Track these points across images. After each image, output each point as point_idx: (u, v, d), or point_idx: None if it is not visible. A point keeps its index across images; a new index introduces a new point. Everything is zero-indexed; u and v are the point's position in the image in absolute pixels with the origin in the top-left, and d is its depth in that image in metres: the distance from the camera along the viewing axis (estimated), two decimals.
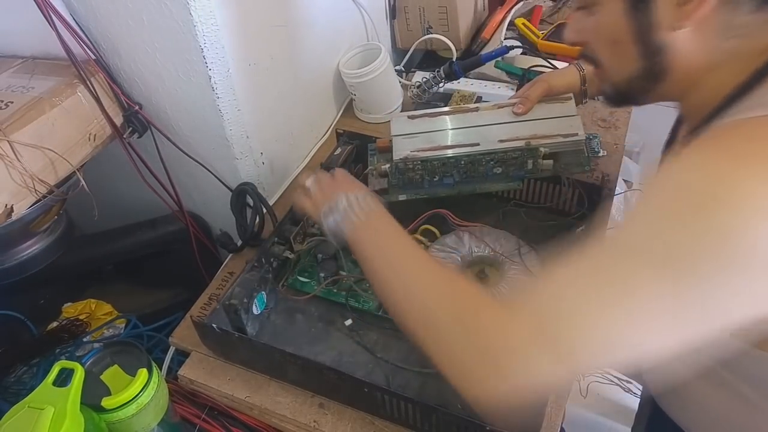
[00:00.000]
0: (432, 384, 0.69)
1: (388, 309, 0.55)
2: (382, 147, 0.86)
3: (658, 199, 0.42)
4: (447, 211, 0.82)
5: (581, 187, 0.83)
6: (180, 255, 1.00)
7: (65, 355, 0.83)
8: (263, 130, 0.91)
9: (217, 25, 0.74)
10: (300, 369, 0.67)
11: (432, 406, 0.60)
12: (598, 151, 0.82)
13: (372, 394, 0.64)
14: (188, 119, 0.85)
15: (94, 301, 0.92)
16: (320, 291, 0.78)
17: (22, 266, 0.81)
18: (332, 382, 0.66)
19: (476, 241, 0.78)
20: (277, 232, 0.80)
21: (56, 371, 0.57)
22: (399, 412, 0.64)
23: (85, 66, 0.76)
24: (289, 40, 0.92)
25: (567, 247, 0.44)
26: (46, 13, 0.70)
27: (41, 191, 0.72)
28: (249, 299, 0.72)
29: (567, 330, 0.42)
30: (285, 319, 0.78)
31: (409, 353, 0.72)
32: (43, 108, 0.73)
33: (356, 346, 0.74)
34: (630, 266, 0.41)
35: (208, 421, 0.71)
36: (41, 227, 0.82)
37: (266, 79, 0.89)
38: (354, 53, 1.11)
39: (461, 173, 0.80)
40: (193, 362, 0.75)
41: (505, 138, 0.79)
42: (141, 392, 0.59)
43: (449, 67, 1.03)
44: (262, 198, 0.86)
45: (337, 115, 1.16)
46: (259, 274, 0.74)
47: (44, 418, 0.52)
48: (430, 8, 1.21)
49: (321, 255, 0.80)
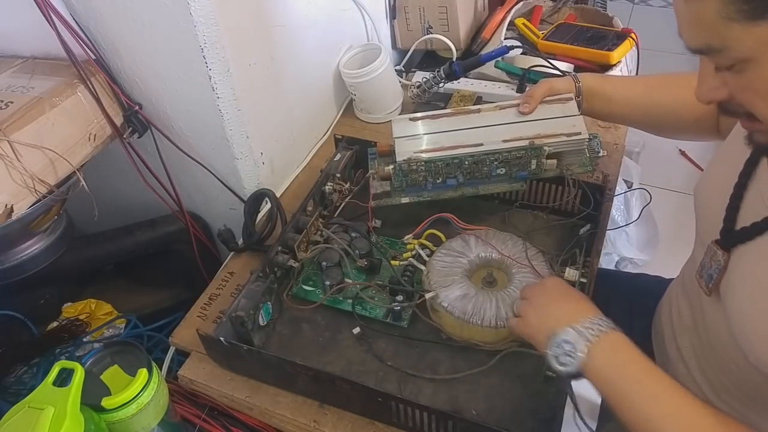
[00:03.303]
0: (444, 390, 0.69)
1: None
2: (382, 150, 0.86)
3: None
4: (451, 215, 0.81)
5: (585, 187, 0.83)
6: (180, 255, 1.00)
7: (65, 355, 0.83)
8: (263, 130, 0.91)
9: (217, 25, 0.74)
10: (311, 380, 0.66)
11: (448, 413, 0.60)
12: (598, 151, 0.82)
13: (386, 403, 0.63)
14: (188, 119, 0.85)
15: (94, 301, 0.92)
16: (326, 299, 0.77)
17: (22, 266, 0.81)
18: (344, 392, 0.65)
19: (482, 244, 0.78)
20: (281, 240, 0.79)
21: (56, 371, 0.57)
22: (413, 421, 0.63)
23: (85, 66, 0.76)
24: (289, 40, 0.92)
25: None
26: (46, 13, 0.70)
27: (41, 191, 0.72)
28: (255, 310, 0.71)
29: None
30: (291, 329, 0.77)
31: (419, 360, 0.72)
32: (43, 108, 0.73)
33: (365, 354, 0.73)
34: None
35: (208, 421, 0.71)
36: (41, 227, 0.82)
37: (266, 79, 0.89)
38: (354, 53, 1.11)
39: (465, 174, 0.80)
40: (193, 362, 0.75)
41: (509, 138, 0.79)
42: (141, 392, 0.59)
43: (449, 67, 1.03)
44: (280, 206, 0.86)
45: (337, 115, 1.16)
46: (265, 285, 0.73)
47: (44, 418, 0.52)
48: (430, 8, 1.21)
49: (325, 263, 0.79)
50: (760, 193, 0.56)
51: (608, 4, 2.32)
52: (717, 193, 0.62)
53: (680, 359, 0.72)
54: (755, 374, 0.57)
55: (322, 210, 0.88)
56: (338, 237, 0.81)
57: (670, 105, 0.81)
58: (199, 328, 0.69)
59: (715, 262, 0.60)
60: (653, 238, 1.68)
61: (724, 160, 0.66)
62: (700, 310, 0.67)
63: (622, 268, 1.67)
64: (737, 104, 0.49)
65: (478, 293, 0.72)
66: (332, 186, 0.88)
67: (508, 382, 0.69)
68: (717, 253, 0.59)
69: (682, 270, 0.78)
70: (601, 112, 0.86)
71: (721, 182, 0.62)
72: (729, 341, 0.59)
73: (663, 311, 0.80)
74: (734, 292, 0.57)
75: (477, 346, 0.71)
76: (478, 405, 0.67)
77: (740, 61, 0.45)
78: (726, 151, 0.67)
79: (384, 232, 0.87)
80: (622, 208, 1.58)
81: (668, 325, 0.76)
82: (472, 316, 0.69)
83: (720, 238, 0.59)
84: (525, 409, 0.66)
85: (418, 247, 0.80)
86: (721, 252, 0.59)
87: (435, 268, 0.75)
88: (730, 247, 0.58)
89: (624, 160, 1.06)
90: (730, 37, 0.43)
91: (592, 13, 1.33)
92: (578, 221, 0.85)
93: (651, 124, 0.86)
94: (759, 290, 0.53)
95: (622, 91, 0.84)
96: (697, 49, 0.47)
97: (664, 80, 0.84)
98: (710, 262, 0.61)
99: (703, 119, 0.78)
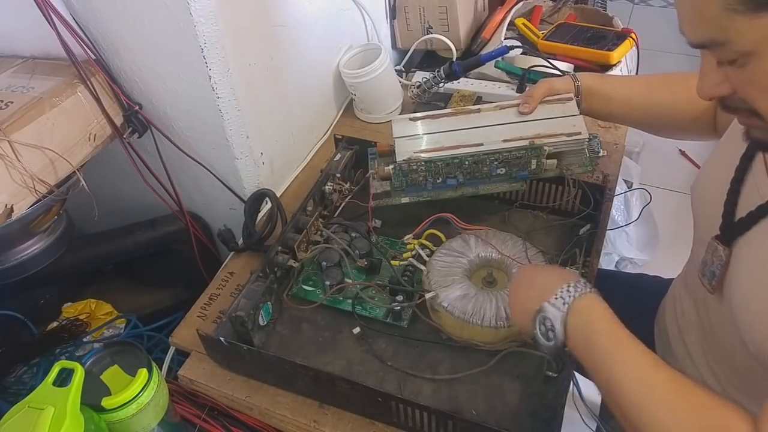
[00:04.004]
0: (444, 390, 0.69)
1: (618, 417, 0.53)
2: (382, 150, 0.86)
3: None
4: (451, 215, 0.81)
5: (585, 187, 0.83)
6: (180, 255, 1.00)
7: (65, 355, 0.83)
8: (263, 130, 0.91)
9: (217, 25, 0.74)
10: (311, 380, 0.66)
11: (448, 413, 0.60)
12: (598, 151, 0.82)
13: (386, 403, 0.63)
14: (188, 119, 0.85)
15: (94, 301, 0.92)
16: (326, 299, 0.77)
17: (22, 266, 0.81)
18: (344, 392, 0.65)
19: (483, 244, 0.78)
20: (281, 240, 0.79)
21: (56, 371, 0.57)
22: (413, 421, 0.63)
23: (85, 66, 0.76)
24: (289, 40, 0.92)
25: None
26: (46, 13, 0.70)
27: (41, 191, 0.72)
28: (255, 310, 0.71)
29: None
30: (291, 329, 0.77)
31: (419, 360, 0.72)
32: (43, 108, 0.73)
33: (365, 354, 0.73)
34: None
35: (208, 421, 0.70)
36: (41, 227, 0.82)
37: (266, 79, 0.89)
38: (354, 53, 1.11)
39: (465, 174, 0.80)
40: (193, 362, 0.75)
41: (509, 137, 0.79)
42: (141, 392, 0.59)
43: (449, 67, 1.03)
44: (280, 206, 0.86)
45: (337, 115, 1.16)
46: (265, 285, 0.73)
47: (44, 418, 0.52)
48: (430, 8, 1.21)
49: (325, 263, 0.79)
50: (756, 186, 0.57)
51: (608, 4, 2.32)
52: (714, 189, 0.62)
53: (687, 356, 0.72)
54: (758, 368, 0.57)
55: (322, 210, 0.88)
56: (338, 237, 0.81)
57: (669, 105, 0.81)
58: (199, 328, 0.70)
59: (716, 258, 0.60)
60: (653, 238, 1.68)
61: (720, 158, 0.66)
62: (705, 307, 0.67)
63: (622, 268, 1.67)
64: (739, 100, 0.49)
65: (478, 293, 0.72)
66: (332, 186, 0.88)
67: (508, 382, 0.69)
68: (718, 249, 0.59)
69: (684, 270, 0.78)
70: (600, 111, 0.86)
71: (718, 179, 0.62)
72: (734, 335, 0.59)
73: (667, 309, 0.80)
74: (738, 284, 0.57)
75: (477, 346, 0.71)
76: (478, 405, 0.67)
77: (743, 55, 0.45)
78: (722, 149, 0.67)
79: (384, 232, 0.87)
80: (622, 208, 1.58)
81: (673, 322, 0.76)
82: (472, 316, 0.69)
83: (720, 233, 0.60)
84: (525, 409, 0.66)
85: (418, 247, 0.80)
86: (722, 247, 0.59)
87: (435, 268, 0.75)
88: (730, 240, 0.58)
89: (624, 160, 1.06)
90: (733, 29, 0.43)
91: (592, 13, 1.33)
92: (578, 221, 0.85)
93: (650, 124, 0.86)
94: (762, 275, 0.53)
95: (622, 90, 0.84)
96: (699, 44, 0.47)
97: (664, 80, 0.84)
98: (712, 259, 0.61)
99: (701, 119, 0.78)
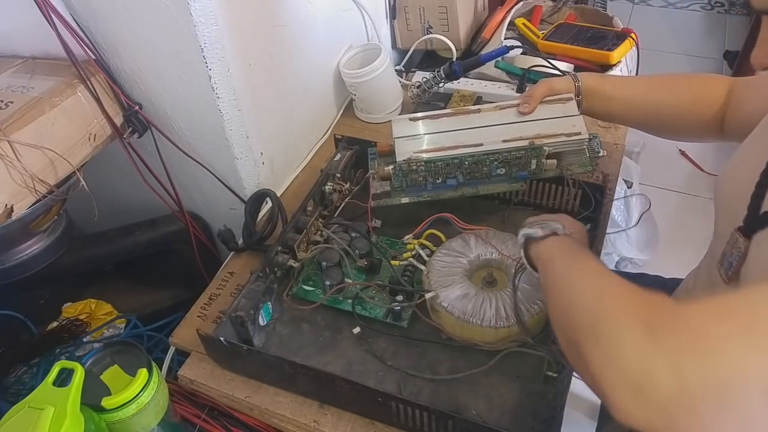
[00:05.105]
0: (444, 390, 0.69)
1: (552, 308, 0.55)
2: (382, 150, 0.86)
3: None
4: (451, 215, 0.81)
5: (585, 187, 0.83)
6: (180, 255, 1.00)
7: (65, 355, 0.83)
8: (263, 130, 0.91)
9: (217, 25, 0.74)
10: (311, 380, 0.66)
11: (448, 413, 0.60)
12: (598, 151, 0.82)
13: (386, 403, 0.63)
14: (188, 119, 0.85)
15: (94, 301, 0.92)
16: (326, 299, 0.77)
17: (22, 266, 0.81)
18: (344, 392, 0.65)
19: (483, 244, 0.78)
20: (281, 240, 0.79)
21: (56, 371, 0.57)
22: (413, 421, 0.63)
23: (85, 66, 0.76)
24: (289, 40, 0.92)
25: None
26: (46, 13, 0.70)
27: (41, 191, 0.72)
28: (255, 310, 0.71)
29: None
30: (291, 329, 0.77)
31: (419, 360, 0.72)
32: (43, 108, 0.73)
33: (365, 354, 0.73)
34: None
35: (208, 421, 0.71)
36: (41, 227, 0.82)
37: (266, 79, 0.89)
38: (354, 53, 1.11)
39: (465, 174, 0.80)
40: (193, 362, 0.75)
41: (509, 138, 0.79)
42: (141, 392, 0.59)
43: (449, 67, 1.03)
44: (281, 206, 0.86)
45: (337, 115, 1.16)
46: (265, 285, 0.73)
47: (44, 418, 0.52)
48: (430, 8, 1.21)
49: (325, 263, 0.79)
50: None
51: (608, 4, 2.33)
52: (742, 182, 0.61)
53: None
54: None
55: (322, 210, 0.88)
56: (338, 237, 0.81)
57: (670, 105, 0.81)
58: (199, 328, 0.69)
59: (736, 250, 0.60)
60: (653, 238, 1.68)
61: (749, 150, 0.65)
62: None
63: (622, 268, 1.67)
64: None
65: (478, 293, 0.72)
66: (332, 186, 0.88)
67: (508, 382, 0.69)
68: (738, 240, 0.59)
69: (699, 264, 0.77)
70: (600, 111, 0.86)
71: (746, 172, 0.61)
72: None
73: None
74: (752, 277, 0.57)
75: (477, 346, 0.71)
76: (478, 405, 0.67)
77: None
78: (753, 140, 0.66)
79: (384, 232, 0.87)
80: (622, 208, 1.58)
81: None
82: (472, 316, 0.69)
83: (743, 225, 0.59)
84: (525, 409, 0.66)
85: (418, 247, 0.80)
86: (742, 239, 0.58)
87: (435, 268, 0.75)
88: (751, 233, 0.58)
89: (624, 160, 1.06)
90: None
91: (592, 13, 1.33)
92: (578, 221, 0.85)
93: (651, 124, 0.86)
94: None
95: (622, 90, 0.84)
96: (763, 9, 0.46)
97: (665, 80, 0.84)
98: (731, 250, 0.61)
99: (705, 119, 0.78)
